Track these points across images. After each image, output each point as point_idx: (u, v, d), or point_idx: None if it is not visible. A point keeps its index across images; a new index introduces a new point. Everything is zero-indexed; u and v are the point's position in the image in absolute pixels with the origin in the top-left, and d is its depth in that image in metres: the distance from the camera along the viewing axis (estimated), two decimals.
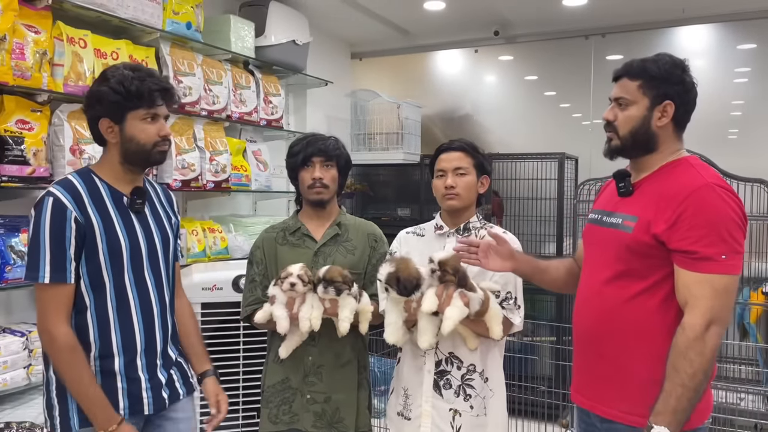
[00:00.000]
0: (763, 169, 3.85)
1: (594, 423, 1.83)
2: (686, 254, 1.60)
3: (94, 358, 1.76)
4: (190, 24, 3.19)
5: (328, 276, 1.99)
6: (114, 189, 1.82)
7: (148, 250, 1.85)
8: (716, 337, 1.58)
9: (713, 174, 1.68)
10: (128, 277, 1.80)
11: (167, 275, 1.93)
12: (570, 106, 4.77)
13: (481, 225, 2.14)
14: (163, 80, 1.87)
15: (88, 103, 1.83)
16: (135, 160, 1.84)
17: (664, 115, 1.72)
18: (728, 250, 1.58)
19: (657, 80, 1.72)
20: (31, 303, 2.74)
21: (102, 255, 1.75)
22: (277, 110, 3.88)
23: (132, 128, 1.79)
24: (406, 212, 4.91)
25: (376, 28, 4.76)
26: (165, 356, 1.90)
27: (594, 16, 4.41)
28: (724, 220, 1.58)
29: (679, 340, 1.59)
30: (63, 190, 1.72)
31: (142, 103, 1.78)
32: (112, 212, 1.79)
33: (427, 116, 5.09)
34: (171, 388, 1.90)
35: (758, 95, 4.18)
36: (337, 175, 2.26)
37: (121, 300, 1.79)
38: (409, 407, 2.08)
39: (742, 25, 4.21)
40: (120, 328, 1.78)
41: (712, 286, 1.57)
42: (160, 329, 1.88)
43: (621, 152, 1.80)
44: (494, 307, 1.93)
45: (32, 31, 2.47)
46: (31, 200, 2.54)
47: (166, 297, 1.92)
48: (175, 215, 2.05)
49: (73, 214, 1.70)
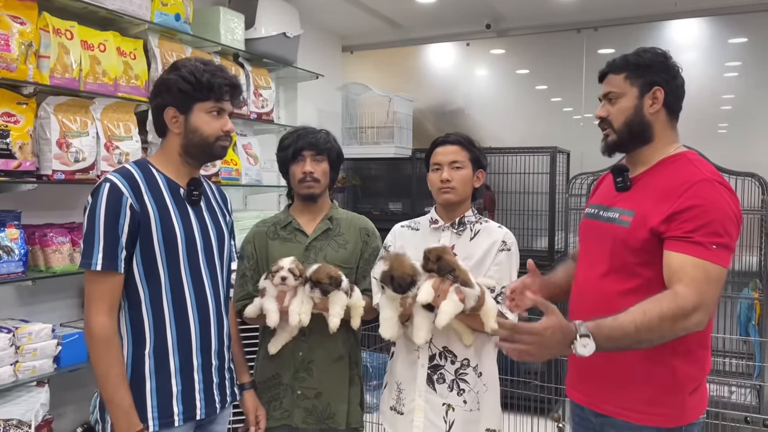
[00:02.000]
0: (753, 162, 3.86)
1: (588, 417, 1.82)
2: (680, 239, 1.59)
3: (149, 355, 1.72)
4: (179, 16, 3.14)
5: (314, 277, 1.98)
6: (171, 180, 1.80)
7: (204, 243, 1.83)
8: (696, 324, 1.54)
9: (712, 170, 1.68)
10: (184, 269, 1.77)
11: (222, 272, 1.90)
12: (562, 100, 4.76)
13: (477, 219, 2.12)
14: (233, 77, 1.85)
15: (155, 90, 1.82)
16: (195, 153, 1.82)
17: (655, 102, 1.72)
18: (720, 243, 1.57)
19: (641, 68, 1.73)
20: (17, 299, 2.71)
21: (157, 244, 1.71)
22: (268, 103, 3.85)
23: (197, 120, 1.78)
24: (397, 206, 4.89)
25: (367, 21, 4.73)
26: (220, 357, 1.87)
27: (586, 10, 4.40)
28: (719, 215, 1.58)
29: (665, 301, 1.53)
30: (120, 177, 1.70)
31: (211, 95, 1.77)
32: (169, 202, 1.76)
33: (419, 110, 5.07)
34: (222, 392, 1.87)
35: (749, 89, 4.18)
36: (329, 169, 2.23)
37: (176, 293, 1.75)
38: (402, 402, 2.06)
39: (734, 19, 4.21)
40: (176, 323, 1.75)
41: (706, 271, 1.55)
42: (215, 327, 1.84)
43: (618, 146, 1.79)
44: (489, 303, 1.92)
45: (17, 22, 2.42)
46: (16, 194, 2.53)
47: (221, 294, 1.89)
48: (229, 214, 2.03)
49: (128, 200, 1.67)
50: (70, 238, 2.66)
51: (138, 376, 1.71)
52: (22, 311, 2.70)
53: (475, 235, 2.08)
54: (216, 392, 1.85)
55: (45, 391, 2.50)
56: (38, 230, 2.61)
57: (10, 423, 2.30)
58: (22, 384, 2.44)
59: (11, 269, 2.40)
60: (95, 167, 2.69)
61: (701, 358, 1.71)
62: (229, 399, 1.93)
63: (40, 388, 2.51)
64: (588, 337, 1.47)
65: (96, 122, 2.72)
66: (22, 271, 2.44)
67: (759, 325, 3.70)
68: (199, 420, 1.80)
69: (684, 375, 1.67)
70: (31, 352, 2.44)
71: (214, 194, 1.99)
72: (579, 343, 1.48)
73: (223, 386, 1.88)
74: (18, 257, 2.43)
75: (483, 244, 2.05)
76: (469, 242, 2.07)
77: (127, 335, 1.73)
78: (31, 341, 2.44)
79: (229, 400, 1.93)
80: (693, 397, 1.67)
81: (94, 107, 2.74)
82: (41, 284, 2.66)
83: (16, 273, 2.42)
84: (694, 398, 1.68)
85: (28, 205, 2.63)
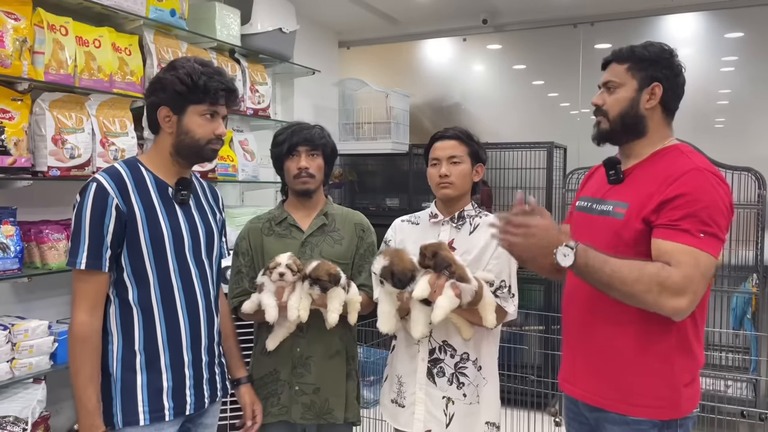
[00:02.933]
0: (749, 157, 3.87)
1: (582, 412, 1.83)
2: (667, 227, 1.59)
3: (140, 351, 1.74)
4: (174, 11, 3.13)
5: (314, 274, 1.99)
6: (159, 179, 1.81)
7: (192, 241, 1.83)
8: (676, 308, 1.53)
9: (704, 160, 1.68)
10: (172, 268, 1.78)
11: (211, 270, 1.91)
12: (558, 95, 4.76)
13: (476, 213, 2.13)
14: (230, 81, 1.86)
15: (151, 88, 1.82)
16: (186, 154, 1.82)
17: (652, 97, 1.72)
18: (707, 231, 1.56)
19: (645, 62, 1.73)
20: (13, 295, 2.71)
21: (144, 244, 1.73)
22: (264, 99, 3.84)
23: (190, 122, 1.79)
24: (394, 202, 4.89)
25: (364, 17, 4.72)
26: (210, 353, 1.89)
27: (583, 5, 4.40)
28: (708, 204, 1.57)
29: (650, 267, 1.54)
30: (107, 177, 1.72)
31: (206, 98, 1.78)
32: (156, 202, 1.78)
33: (416, 105, 5.07)
34: (212, 387, 1.89)
35: (745, 84, 4.19)
36: (323, 164, 2.24)
37: (165, 290, 1.77)
38: (403, 395, 2.08)
39: (730, 14, 4.22)
40: (165, 321, 1.77)
41: (694, 257, 1.55)
42: (205, 323, 1.86)
43: (610, 136, 1.79)
44: (487, 297, 1.93)
45: (12, 18, 2.41)
46: (12, 191, 2.53)
47: (211, 291, 1.91)
48: (221, 212, 2.04)
49: (114, 201, 1.69)
50: (65, 235, 2.65)
51: (129, 371, 1.73)
52: (18, 308, 2.70)
53: (475, 229, 2.08)
54: (206, 387, 1.86)
55: (42, 388, 2.50)
56: (34, 227, 2.61)
57: (7, 420, 2.31)
58: (19, 381, 2.44)
59: (7, 266, 2.40)
60: (91, 164, 2.68)
61: (696, 351, 1.71)
62: (220, 394, 1.94)
63: (36, 384, 2.51)
64: (572, 249, 1.53)
65: (91, 118, 2.71)
66: (18, 267, 2.44)
67: (754, 319, 3.71)
68: (189, 414, 1.82)
69: (680, 368, 1.67)
70: (28, 349, 2.43)
71: (205, 192, 1.99)
72: (561, 251, 1.54)
73: (213, 381, 1.90)
74: (14, 254, 2.42)
75: (482, 237, 2.05)
76: (469, 236, 2.07)
77: (117, 331, 1.74)
78: (27, 338, 2.43)
79: (220, 395, 1.94)
80: (688, 390, 1.68)
81: (90, 103, 2.73)
82: (36, 281, 2.66)
83: (12, 270, 2.42)
84: (688, 391, 1.68)
85: (23, 202, 2.62)
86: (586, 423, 1.83)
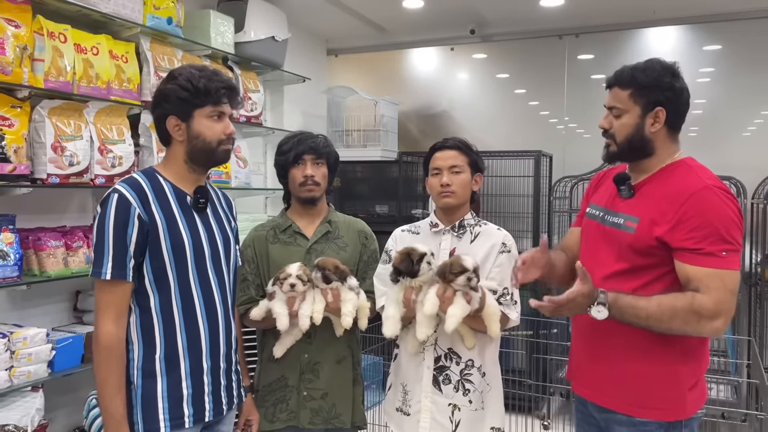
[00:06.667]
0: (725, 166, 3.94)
1: (591, 413, 1.89)
2: (692, 252, 1.66)
3: (160, 360, 1.75)
4: (171, 19, 3.14)
5: (321, 263, 2.04)
6: (178, 188, 1.83)
7: (211, 249, 1.85)
8: (715, 331, 1.65)
9: (711, 176, 1.75)
10: (192, 276, 1.80)
11: (229, 277, 1.93)
12: (542, 105, 4.85)
13: (476, 222, 2.18)
14: (229, 80, 1.89)
15: (155, 102, 1.84)
16: (200, 159, 1.84)
17: (656, 122, 1.77)
18: (728, 248, 1.65)
19: (647, 89, 1.77)
20: (10, 303, 2.68)
21: (166, 253, 1.74)
22: (257, 107, 3.86)
23: (199, 125, 1.81)
24: (384, 209, 4.92)
25: (352, 25, 4.76)
26: (228, 360, 1.90)
27: (569, 17, 4.49)
28: (724, 221, 1.66)
29: (680, 302, 1.64)
30: (128, 188, 1.73)
31: (209, 100, 1.80)
32: (176, 211, 1.79)
33: (403, 113, 5.11)
34: (229, 394, 1.91)
35: (720, 95, 4.31)
36: (328, 173, 2.27)
37: (186, 298, 1.79)
38: (408, 403, 2.10)
39: (708, 27, 4.35)
40: (186, 328, 1.78)
41: (722, 280, 1.64)
42: (224, 331, 1.88)
43: (619, 157, 1.86)
44: (492, 306, 1.97)
45: (12, 25, 2.41)
46: (11, 198, 2.51)
47: (229, 299, 1.92)
48: (234, 219, 2.06)
49: (136, 210, 1.70)
50: (63, 242, 2.64)
51: (150, 379, 1.74)
52: (14, 316, 2.68)
53: (475, 237, 2.13)
54: (224, 394, 1.88)
55: (40, 396, 2.48)
56: (32, 234, 2.59)
57: (6, 428, 2.29)
58: (17, 389, 2.42)
59: (6, 273, 2.38)
60: (89, 171, 2.67)
61: (701, 354, 1.79)
62: (236, 401, 1.96)
63: (34, 392, 2.49)
64: (604, 305, 1.66)
65: (89, 126, 2.71)
66: (17, 275, 2.42)
67: (733, 323, 3.82)
68: (207, 421, 1.84)
69: (685, 372, 1.75)
70: (26, 357, 2.42)
71: (220, 200, 2.01)
72: (595, 308, 1.67)
73: (230, 388, 1.92)
74: (13, 261, 2.41)
75: (483, 246, 2.10)
76: (470, 245, 2.11)
77: (138, 340, 1.75)
78: (26, 346, 2.42)
79: (236, 402, 1.96)
80: (692, 393, 1.75)
81: (88, 111, 2.73)
82: (34, 288, 2.64)
83: (12, 277, 2.40)
84: (694, 393, 1.75)
85: (22, 209, 2.61)
86: (594, 423, 1.90)
